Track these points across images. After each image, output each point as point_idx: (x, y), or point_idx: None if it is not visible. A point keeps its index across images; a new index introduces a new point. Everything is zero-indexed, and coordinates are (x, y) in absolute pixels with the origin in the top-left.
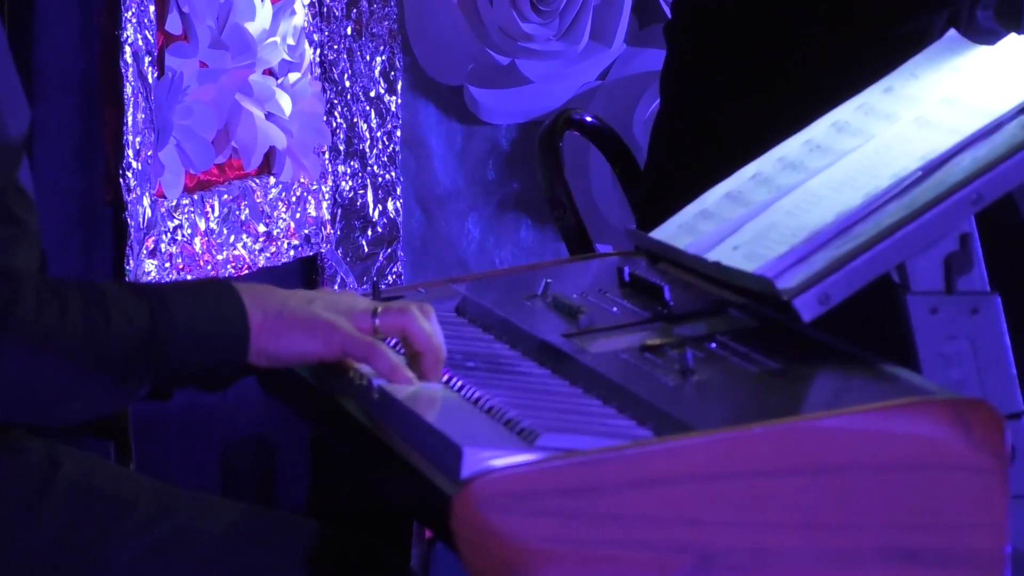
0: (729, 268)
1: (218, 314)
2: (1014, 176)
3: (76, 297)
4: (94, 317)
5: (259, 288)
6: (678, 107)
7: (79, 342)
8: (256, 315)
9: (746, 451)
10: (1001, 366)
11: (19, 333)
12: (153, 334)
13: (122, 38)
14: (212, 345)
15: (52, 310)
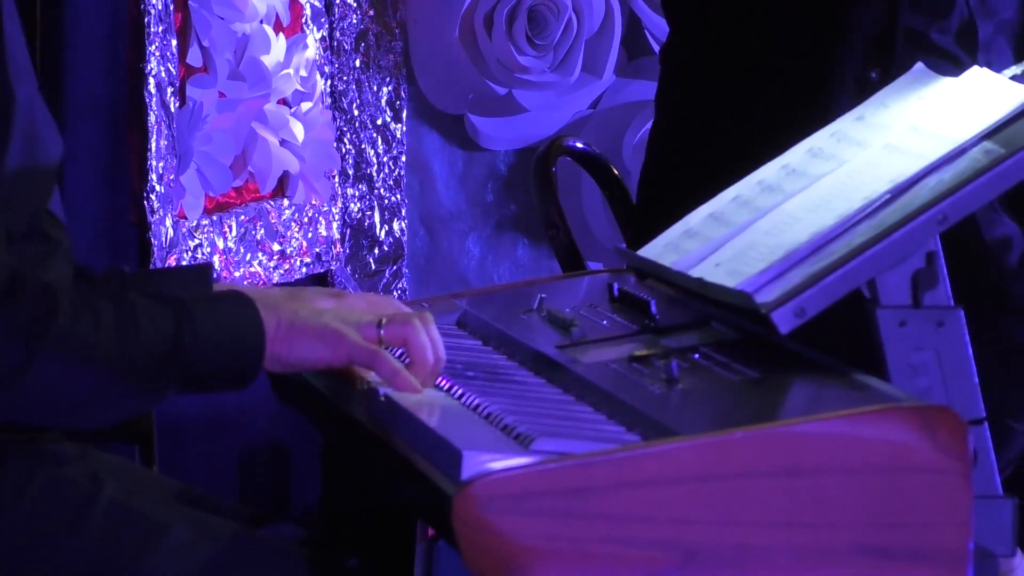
0: (712, 284)
1: (237, 323)
2: (977, 198)
3: (108, 307)
4: (125, 326)
5: (274, 297)
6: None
7: (112, 350)
8: (271, 324)
9: (728, 454)
10: (964, 375)
11: (58, 343)
12: (178, 341)
13: (146, 70)
14: (231, 351)
15: (87, 321)
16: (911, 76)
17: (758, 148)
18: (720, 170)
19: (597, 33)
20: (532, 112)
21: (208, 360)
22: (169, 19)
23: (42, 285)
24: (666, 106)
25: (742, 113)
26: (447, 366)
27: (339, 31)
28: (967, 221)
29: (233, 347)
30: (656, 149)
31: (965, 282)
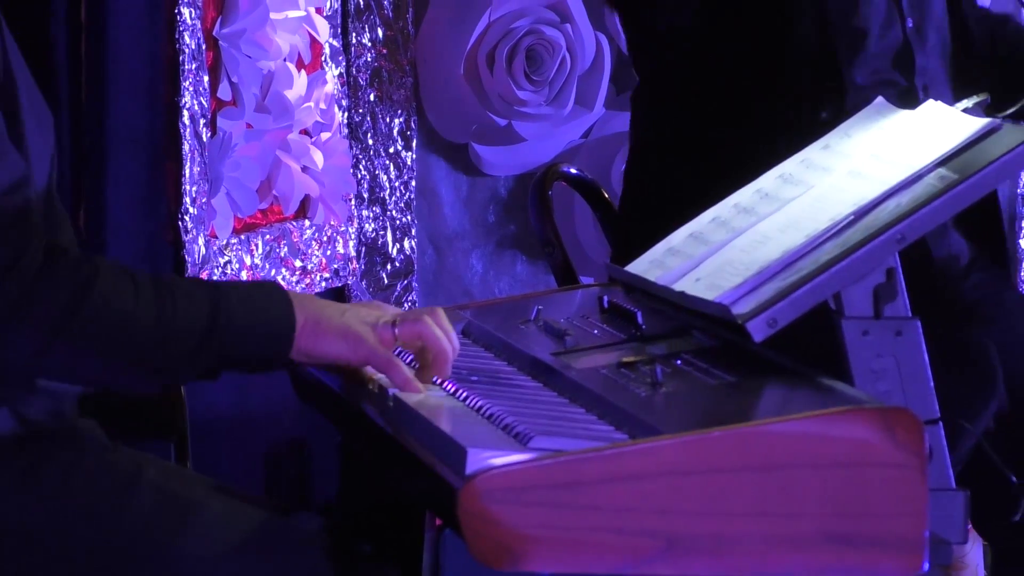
0: (692, 297)
1: (269, 309)
2: (932, 220)
3: (147, 283)
4: (163, 298)
5: (302, 296)
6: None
7: (150, 319)
8: (300, 317)
9: (707, 451)
10: (921, 380)
11: (97, 313)
12: (213, 320)
13: (181, 103)
14: (262, 335)
15: (126, 293)
16: (872, 109)
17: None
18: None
19: (588, 70)
20: (530, 141)
21: (240, 343)
22: (201, 57)
23: (83, 256)
24: (640, 140)
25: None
26: (453, 371)
27: (355, 68)
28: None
29: (265, 334)
30: (635, 175)
31: (920, 295)
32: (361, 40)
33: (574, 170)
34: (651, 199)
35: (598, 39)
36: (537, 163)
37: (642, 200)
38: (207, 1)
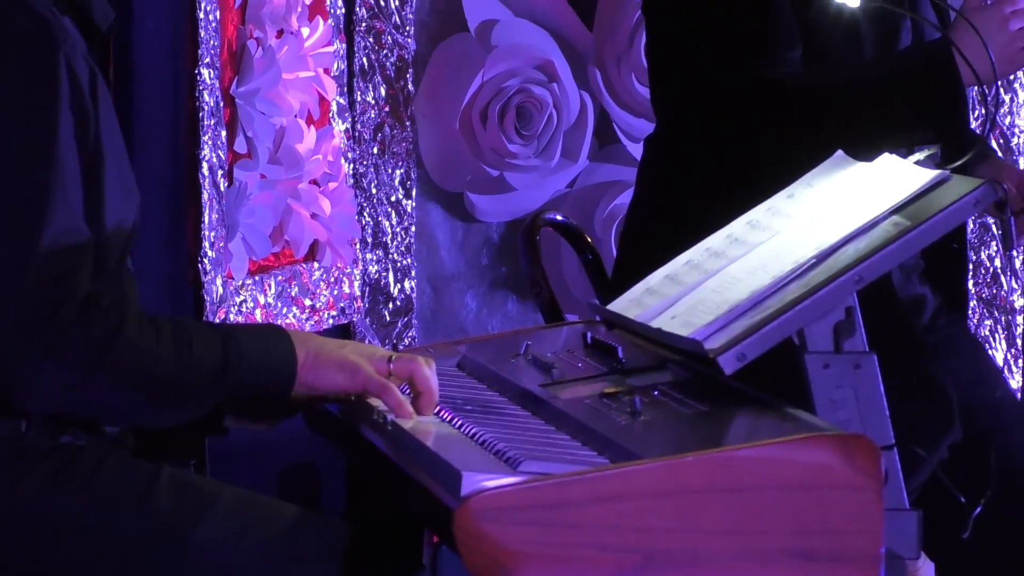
0: (668, 333)
1: (274, 349)
2: (887, 263)
3: (167, 327)
4: (181, 344)
5: (303, 334)
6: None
7: (169, 363)
8: (302, 354)
9: (681, 474)
10: (877, 409)
11: (123, 355)
12: (225, 360)
13: (201, 156)
14: (268, 372)
15: (148, 337)
16: (832, 161)
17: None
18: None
19: (573, 125)
20: (519, 191)
21: (249, 380)
22: (219, 113)
23: (113, 305)
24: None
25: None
26: (449, 401)
27: (360, 124)
28: (886, 285)
29: (271, 369)
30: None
31: (885, 333)
32: (365, 98)
33: (560, 217)
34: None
35: (582, 97)
36: (526, 210)
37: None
38: (225, 62)
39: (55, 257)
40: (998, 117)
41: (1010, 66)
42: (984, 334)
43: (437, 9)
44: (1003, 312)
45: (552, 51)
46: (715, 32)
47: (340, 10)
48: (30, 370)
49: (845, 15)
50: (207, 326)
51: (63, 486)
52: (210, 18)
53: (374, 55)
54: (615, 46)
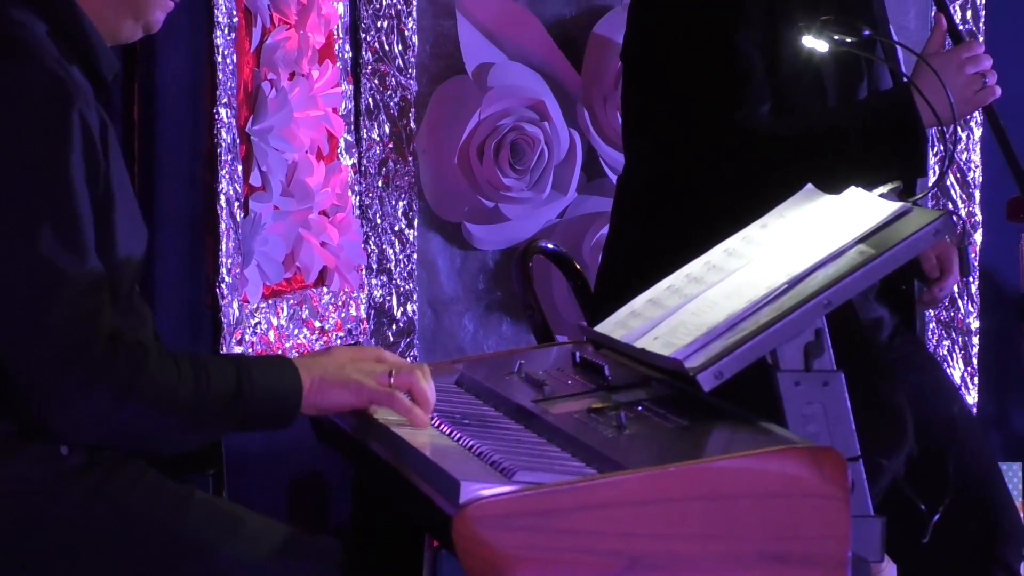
0: (651, 353)
1: (281, 378)
2: (854, 288)
3: (186, 361)
4: (199, 375)
5: (308, 360)
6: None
7: (188, 395)
8: (307, 380)
9: (663, 484)
10: (844, 423)
11: (147, 387)
12: (239, 390)
13: (218, 188)
14: (277, 399)
15: (170, 369)
16: (803, 194)
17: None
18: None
19: (563, 161)
20: (513, 221)
21: (259, 406)
22: (236, 149)
23: (136, 341)
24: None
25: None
26: (448, 415)
27: (366, 159)
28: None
29: (278, 397)
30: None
31: (849, 354)
32: (371, 135)
33: (551, 245)
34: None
35: (571, 135)
36: (520, 239)
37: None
38: (241, 102)
39: (79, 298)
40: (955, 154)
41: (967, 107)
42: (942, 354)
43: (437, 53)
44: (960, 333)
45: (543, 92)
46: (697, 86)
47: (348, 54)
48: (63, 405)
49: (811, 67)
50: (221, 358)
51: (100, 504)
52: (227, 62)
53: (379, 95)
54: (602, 87)
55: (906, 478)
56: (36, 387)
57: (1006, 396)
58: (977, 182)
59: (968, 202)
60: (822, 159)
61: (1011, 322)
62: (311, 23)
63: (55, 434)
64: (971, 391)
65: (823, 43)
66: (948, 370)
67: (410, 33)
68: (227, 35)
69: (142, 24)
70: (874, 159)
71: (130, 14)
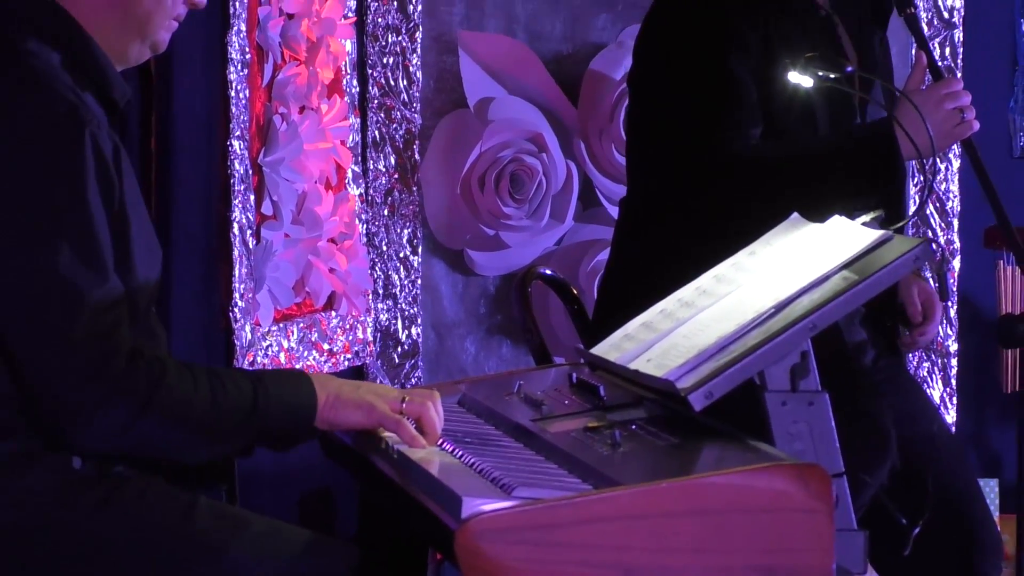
0: (644, 374)
1: (297, 392)
2: (838, 312)
3: (203, 374)
4: (216, 389)
5: (324, 377)
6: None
7: (206, 409)
8: (322, 395)
9: (656, 499)
10: (829, 441)
11: (166, 400)
12: (255, 403)
13: (232, 217)
14: (292, 412)
15: (188, 383)
16: (789, 222)
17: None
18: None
19: (561, 190)
20: (513, 248)
21: (275, 419)
22: (248, 180)
23: (155, 356)
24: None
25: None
26: (450, 434)
27: (372, 189)
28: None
29: (294, 411)
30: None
31: (835, 374)
32: (377, 166)
33: (549, 271)
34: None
35: (568, 166)
36: (519, 265)
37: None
38: (253, 135)
39: (100, 315)
40: (935, 184)
41: (945, 141)
42: (923, 375)
43: (440, 88)
44: (939, 356)
45: (542, 125)
46: (690, 108)
47: (355, 89)
48: (86, 417)
49: (801, 96)
50: (238, 372)
51: (110, 512)
52: (240, 96)
53: (385, 128)
54: (597, 121)
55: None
56: (57, 401)
57: (983, 415)
58: (955, 211)
59: (947, 230)
60: (804, 183)
61: (988, 345)
62: (320, 60)
63: (75, 446)
64: (950, 410)
65: (807, 78)
66: (928, 390)
67: (414, 69)
68: (240, 71)
69: (149, 45)
70: (853, 186)
71: (137, 35)
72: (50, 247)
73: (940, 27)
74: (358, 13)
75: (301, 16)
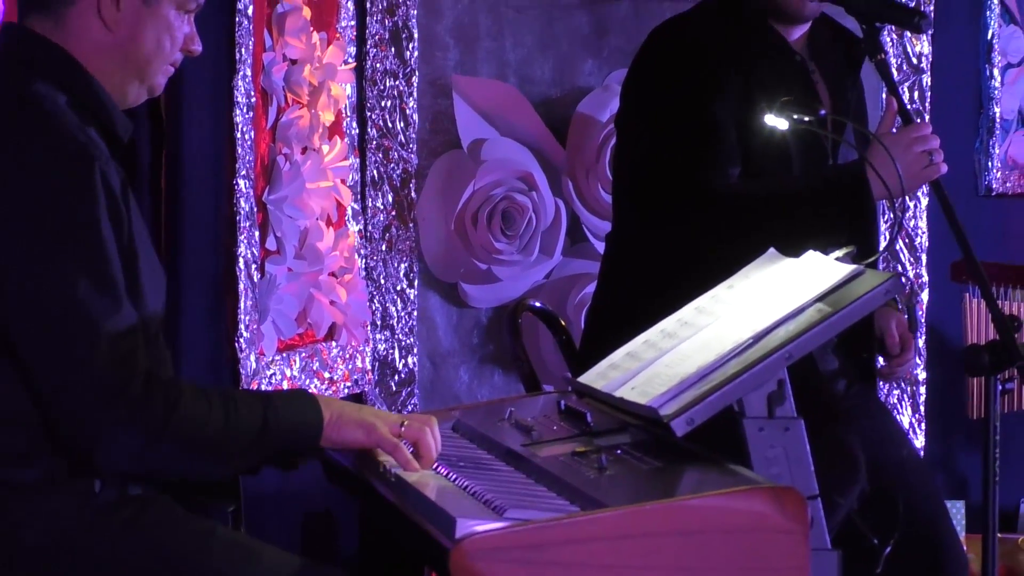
0: (629, 401)
1: (304, 412)
2: (813, 343)
3: (216, 396)
4: (229, 410)
5: (328, 398)
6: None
7: (220, 425)
8: (327, 414)
9: (641, 520)
10: (804, 465)
11: (182, 422)
12: (265, 421)
13: (237, 252)
14: (300, 431)
15: (202, 405)
16: (765, 257)
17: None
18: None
19: (550, 227)
20: (504, 281)
21: (283, 437)
22: (253, 217)
23: (170, 380)
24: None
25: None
26: (445, 458)
27: (371, 225)
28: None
29: (301, 429)
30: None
31: (808, 401)
32: (375, 204)
33: (538, 304)
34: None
35: (557, 204)
36: (510, 298)
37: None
38: (258, 174)
39: (116, 341)
40: (904, 221)
41: (915, 182)
42: (893, 402)
43: (435, 130)
44: (909, 384)
45: (532, 165)
46: (673, 148)
47: (355, 131)
48: (105, 440)
49: (777, 138)
50: (248, 393)
51: (131, 537)
52: (246, 137)
53: (383, 168)
54: (584, 161)
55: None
56: (79, 424)
57: (950, 440)
58: (924, 247)
59: (916, 265)
60: (779, 219)
61: (954, 373)
62: (321, 103)
63: (97, 467)
64: (919, 435)
65: (783, 121)
66: (898, 416)
67: (411, 112)
68: (246, 113)
69: (147, 87)
70: (826, 223)
71: (136, 78)
72: (67, 278)
73: (909, 72)
74: (358, 59)
75: (304, 62)
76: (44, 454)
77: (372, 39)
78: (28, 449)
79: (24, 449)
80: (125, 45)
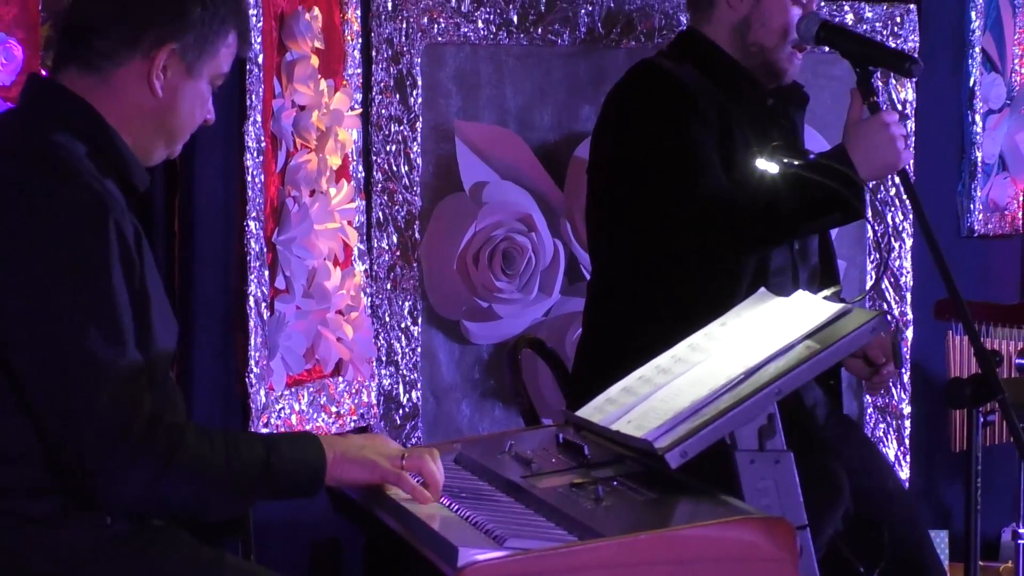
0: (625, 434)
1: (307, 453)
2: (801, 378)
3: (220, 438)
4: (231, 452)
5: (331, 438)
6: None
7: (221, 470)
8: (330, 455)
9: (636, 550)
10: (793, 496)
11: (185, 463)
12: (268, 464)
13: (248, 291)
14: (302, 472)
15: (205, 445)
16: (757, 296)
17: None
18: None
19: (548, 266)
20: (505, 319)
21: (287, 479)
22: (263, 257)
23: (174, 422)
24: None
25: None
26: (447, 489)
27: (376, 265)
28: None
29: (304, 470)
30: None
31: (794, 432)
32: (381, 244)
33: (537, 340)
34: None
35: (555, 244)
36: (510, 335)
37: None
38: (268, 216)
39: (121, 386)
40: (889, 261)
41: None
42: (879, 435)
43: (438, 173)
44: (894, 417)
45: (531, 207)
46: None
47: (361, 174)
48: (109, 480)
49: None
50: (251, 435)
51: (142, 566)
52: (256, 180)
53: (388, 210)
54: (582, 203)
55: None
56: (85, 464)
57: (934, 472)
58: (908, 285)
59: (901, 303)
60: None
61: (938, 407)
62: (329, 147)
63: (103, 507)
64: (904, 467)
65: (773, 165)
66: (884, 449)
67: (415, 156)
68: (256, 158)
69: (170, 151)
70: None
71: (164, 141)
72: (77, 326)
73: None
74: (364, 105)
75: (311, 108)
76: (57, 487)
77: (378, 86)
78: (42, 482)
79: (38, 483)
80: (163, 111)
